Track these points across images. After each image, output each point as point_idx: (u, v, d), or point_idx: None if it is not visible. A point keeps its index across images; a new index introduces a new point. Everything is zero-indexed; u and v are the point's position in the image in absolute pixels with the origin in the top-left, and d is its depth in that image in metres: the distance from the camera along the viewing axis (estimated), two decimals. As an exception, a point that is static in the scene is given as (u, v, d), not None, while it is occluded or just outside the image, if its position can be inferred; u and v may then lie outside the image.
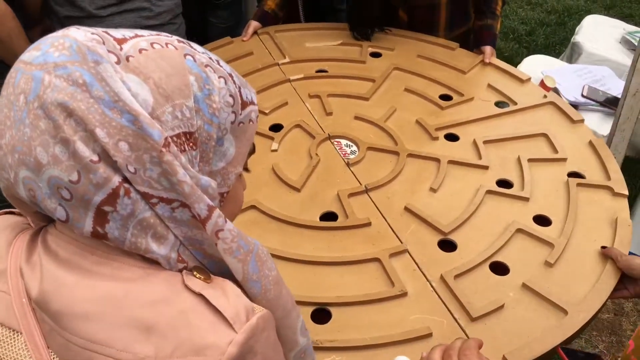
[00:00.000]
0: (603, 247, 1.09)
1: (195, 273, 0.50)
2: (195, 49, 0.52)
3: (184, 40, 0.52)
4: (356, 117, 1.43)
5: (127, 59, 0.47)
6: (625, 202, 1.20)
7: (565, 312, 0.97)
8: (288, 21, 2.09)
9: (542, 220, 1.17)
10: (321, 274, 1.05)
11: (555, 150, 1.33)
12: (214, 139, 0.50)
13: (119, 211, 0.46)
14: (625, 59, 2.55)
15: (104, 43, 0.47)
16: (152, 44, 0.49)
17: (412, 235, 1.12)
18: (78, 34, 0.47)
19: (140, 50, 0.48)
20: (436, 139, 1.37)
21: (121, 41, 0.48)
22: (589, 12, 3.61)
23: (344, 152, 1.33)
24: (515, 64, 2.85)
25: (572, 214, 1.16)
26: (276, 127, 1.41)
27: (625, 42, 2.70)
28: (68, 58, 0.45)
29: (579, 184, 1.23)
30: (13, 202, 0.51)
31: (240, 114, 0.53)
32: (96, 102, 0.44)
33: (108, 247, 0.49)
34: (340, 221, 1.16)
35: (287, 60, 1.64)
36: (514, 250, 1.09)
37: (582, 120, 1.43)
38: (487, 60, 1.64)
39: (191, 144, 0.48)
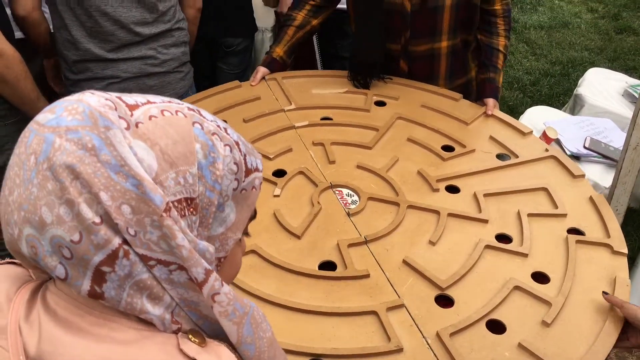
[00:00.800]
0: (605, 293, 1.08)
1: (190, 336, 0.51)
2: (204, 117, 0.54)
3: (195, 108, 0.54)
4: (358, 166, 1.45)
5: (137, 125, 0.49)
6: (624, 261, 1.20)
7: (561, 374, 0.97)
8: (303, 65, 2.15)
9: (540, 277, 1.16)
10: (317, 324, 1.05)
11: (556, 206, 1.34)
12: (215, 205, 0.52)
13: (117, 272, 0.47)
14: (627, 111, 2.57)
15: (116, 109, 0.49)
16: (162, 111, 0.51)
17: (410, 289, 1.12)
18: (92, 99, 0.49)
19: (150, 117, 0.50)
20: (437, 190, 1.38)
21: (133, 107, 0.50)
22: (593, 64, 3.67)
23: (345, 202, 1.35)
24: (519, 113, 2.89)
25: (570, 271, 1.16)
26: (280, 173, 1.43)
27: (627, 95, 2.73)
28: (80, 122, 0.47)
29: (578, 241, 1.23)
30: (15, 255, 0.52)
31: (244, 181, 0.54)
32: (103, 166, 0.46)
33: (105, 307, 0.50)
34: (339, 271, 1.16)
35: (292, 106, 1.67)
36: (511, 308, 1.09)
37: (582, 175, 1.44)
38: (489, 113, 1.66)
39: (192, 209, 0.50)
